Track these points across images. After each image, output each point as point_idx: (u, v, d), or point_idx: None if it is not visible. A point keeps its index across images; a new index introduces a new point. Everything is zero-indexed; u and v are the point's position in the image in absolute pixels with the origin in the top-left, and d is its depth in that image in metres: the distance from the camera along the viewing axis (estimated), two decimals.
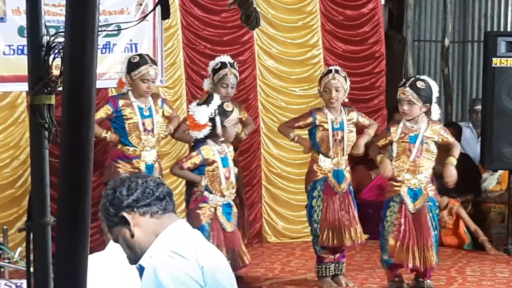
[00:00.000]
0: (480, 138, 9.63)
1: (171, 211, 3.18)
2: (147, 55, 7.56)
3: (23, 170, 7.87)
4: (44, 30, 2.84)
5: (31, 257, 2.91)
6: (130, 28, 8.17)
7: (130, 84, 7.15)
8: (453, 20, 10.90)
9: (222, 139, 6.66)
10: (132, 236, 3.12)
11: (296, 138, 7.47)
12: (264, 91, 9.19)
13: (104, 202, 3.16)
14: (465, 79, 11.07)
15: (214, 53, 8.85)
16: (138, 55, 7.48)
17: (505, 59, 8.75)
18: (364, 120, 7.50)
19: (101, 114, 7.03)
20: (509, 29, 10.61)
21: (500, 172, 9.47)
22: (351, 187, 7.45)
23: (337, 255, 7.43)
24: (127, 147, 7.03)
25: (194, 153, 6.72)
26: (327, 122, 7.25)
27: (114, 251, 4.02)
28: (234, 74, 7.64)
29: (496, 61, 8.78)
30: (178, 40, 8.84)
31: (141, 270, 3.15)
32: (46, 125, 2.83)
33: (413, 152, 6.88)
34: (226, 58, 7.76)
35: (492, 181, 9.59)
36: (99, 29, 8.00)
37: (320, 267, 7.36)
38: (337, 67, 7.52)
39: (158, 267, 3.01)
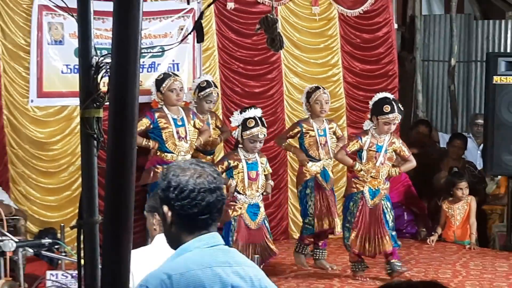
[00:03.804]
0: (480, 147, 9.60)
1: (210, 225, 2.84)
2: (171, 72, 7.71)
3: (79, 174, 7.88)
4: (93, 52, 2.86)
5: (82, 251, 2.93)
6: (172, 49, 8.23)
7: (162, 99, 7.26)
8: (459, 42, 10.84)
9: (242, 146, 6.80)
10: (169, 232, 2.83)
11: (287, 146, 7.77)
12: (290, 105, 9.17)
13: (159, 186, 2.83)
14: (469, 95, 10.99)
15: (246, 71, 8.90)
16: (162, 73, 7.62)
17: (505, 77, 8.72)
18: (339, 132, 7.83)
19: (140, 126, 7.10)
20: (508, 50, 10.54)
21: (498, 177, 9.43)
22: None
23: (321, 242, 7.71)
24: (165, 153, 7.13)
25: (222, 160, 6.94)
26: (313, 130, 7.53)
27: (158, 245, 4.03)
28: (217, 93, 7.95)
29: (496, 79, 8.74)
30: (215, 61, 8.85)
31: None
32: (95, 135, 2.85)
33: (378, 159, 7.07)
34: (209, 77, 8.04)
35: (492, 185, 9.53)
36: (145, 50, 8.01)
37: (299, 244, 7.73)
38: (319, 85, 7.86)
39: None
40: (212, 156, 8.01)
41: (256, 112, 6.94)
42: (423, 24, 10.90)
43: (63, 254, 6.56)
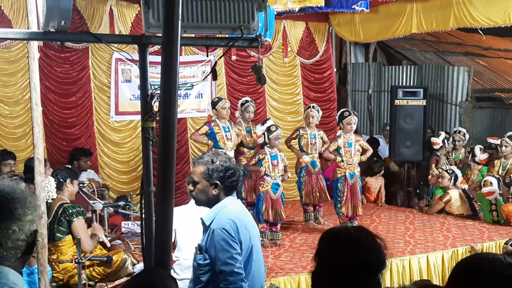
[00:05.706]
0: (388, 144, 9.62)
1: (237, 188, 3.05)
2: (222, 97, 7.55)
3: (141, 162, 7.78)
4: (149, 87, 2.85)
5: (143, 209, 2.91)
6: (198, 85, 8.22)
7: (216, 114, 7.01)
8: (374, 79, 10.83)
9: (268, 145, 6.52)
10: (212, 195, 2.97)
11: (289, 146, 7.41)
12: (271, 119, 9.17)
13: (212, 167, 2.97)
14: (380, 112, 10.97)
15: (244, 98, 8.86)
16: (216, 97, 7.42)
17: (402, 100, 8.77)
18: (325, 138, 7.45)
19: (202, 131, 6.97)
20: (404, 84, 10.54)
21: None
22: (320, 170, 7.43)
23: (317, 207, 7.46)
24: (218, 149, 6.84)
25: (254, 155, 6.60)
26: (306, 134, 7.26)
27: (194, 205, 3.97)
28: (253, 106, 7.67)
29: (397, 102, 8.78)
30: (224, 91, 8.84)
31: (203, 222, 2.96)
32: (151, 138, 2.84)
33: (351, 152, 6.82)
34: (247, 98, 7.78)
35: (394, 167, 9.50)
36: (181, 86, 7.90)
37: (305, 214, 7.41)
38: (314, 104, 7.54)
39: (215, 230, 2.86)
40: (254, 150, 7.57)
41: (271, 122, 6.77)
42: (351, 68, 10.89)
43: (132, 211, 6.56)
